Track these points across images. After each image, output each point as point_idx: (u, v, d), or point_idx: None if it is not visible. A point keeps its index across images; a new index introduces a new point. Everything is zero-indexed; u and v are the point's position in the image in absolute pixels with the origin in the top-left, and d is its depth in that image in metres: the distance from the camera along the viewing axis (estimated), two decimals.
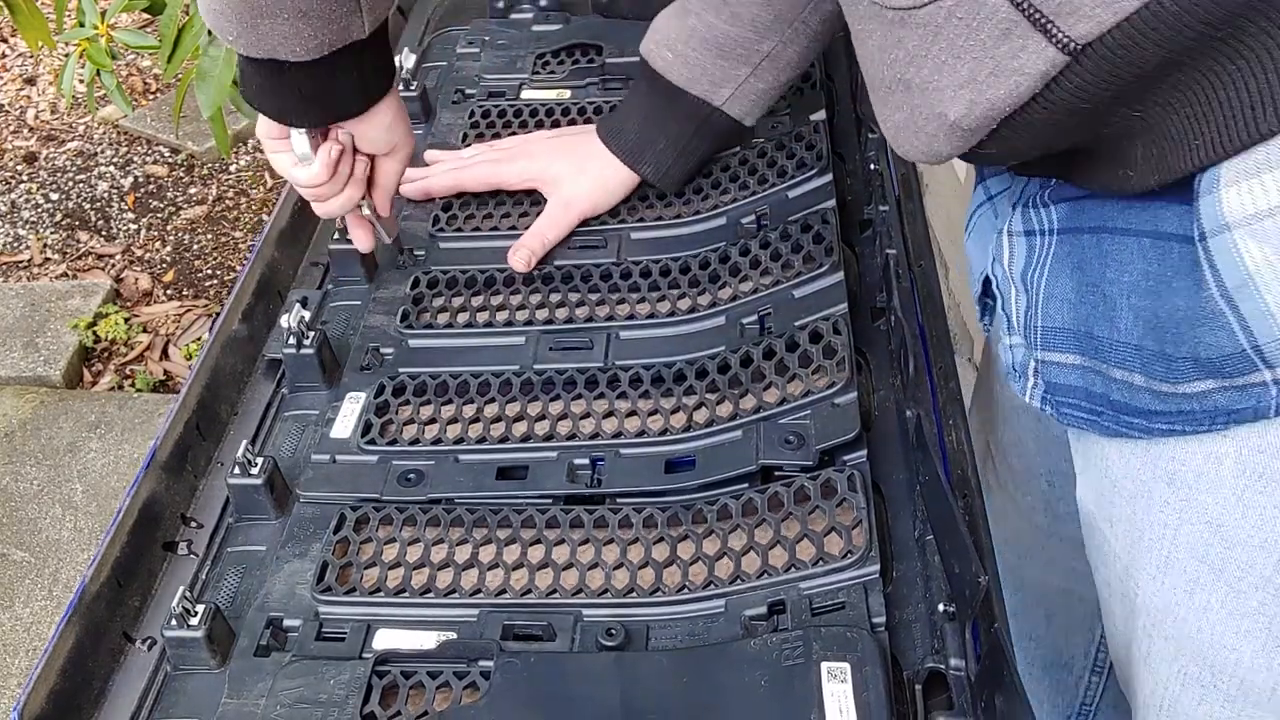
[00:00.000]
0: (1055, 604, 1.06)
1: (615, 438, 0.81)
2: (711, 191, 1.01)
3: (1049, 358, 0.72)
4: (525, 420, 0.83)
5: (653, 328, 0.90)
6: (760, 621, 0.70)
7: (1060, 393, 0.73)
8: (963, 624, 0.66)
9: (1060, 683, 1.10)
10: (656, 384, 0.85)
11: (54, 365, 2.42)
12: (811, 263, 0.89)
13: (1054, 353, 0.72)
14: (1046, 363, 0.73)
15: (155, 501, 0.79)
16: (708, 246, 0.96)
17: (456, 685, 0.67)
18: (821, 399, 0.79)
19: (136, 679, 0.71)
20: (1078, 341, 0.70)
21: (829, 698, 0.62)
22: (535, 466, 0.80)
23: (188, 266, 2.74)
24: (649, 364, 0.87)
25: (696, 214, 1.00)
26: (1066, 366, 0.72)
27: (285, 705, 0.66)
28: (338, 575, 0.74)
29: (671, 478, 0.78)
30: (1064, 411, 0.74)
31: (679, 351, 0.88)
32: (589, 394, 0.85)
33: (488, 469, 0.81)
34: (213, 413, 0.87)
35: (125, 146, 3.09)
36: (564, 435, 0.82)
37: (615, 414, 0.83)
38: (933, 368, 0.80)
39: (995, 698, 0.59)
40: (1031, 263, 0.73)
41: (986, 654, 0.61)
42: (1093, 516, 0.78)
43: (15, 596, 1.98)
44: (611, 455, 0.80)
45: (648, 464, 0.79)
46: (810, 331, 0.85)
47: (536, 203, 1.02)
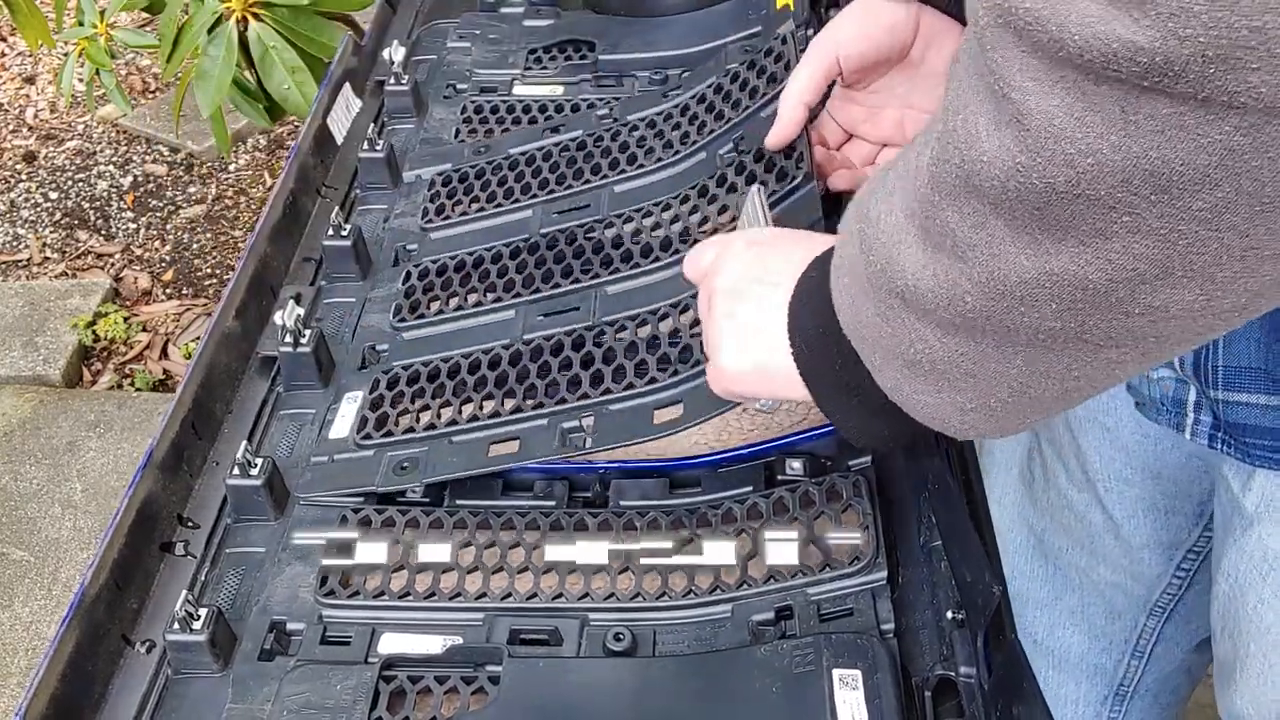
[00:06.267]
0: (1099, 592, 1.06)
1: (603, 395, 0.81)
2: (690, 128, 1.00)
3: (1233, 398, 0.72)
4: (515, 393, 0.83)
5: (638, 276, 0.89)
6: (768, 627, 0.69)
7: (1249, 434, 0.73)
8: (974, 632, 0.65)
9: (1099, 667, 1.11)
10: (642, 333, 0.84)
11: (53, 364, 2.41)
12: (785, 179, 0.87)
13: (1241, 393, 0.71)
14: (1228, 403, 0.72)
15: (153, 502, 0.78)
16: (689, 185, 0.95)
17: (464, 690, 0.66)
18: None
19: (137, 683, 0.70)
20: (1274, 382, 0.69)
21: (841, 705, 0.61)
22: (526, 436, 0.80)
23: (187, 265, 2.74)
24: (635, 314, 0.86)
25: (676, 154, 0.99)
26: (1258, 408, 0.71)
27: (292, 710, 0.65)
28: (341, 578, 0.73)
29: (657, 428, 0.77)
30: (1255, 454, 0.73)
31: (666, 296, 0.87)
32: (576, 355, 0.84)
33: (479, 445, 0.80)
34: (208, 412, 0.86)
35: (124, 146, 3.09)
36: (553, 401, 0.81)
37: (603, 374, 0.82)
38: None
39: (1013, 707, 0.58)
40: None
41: (1002, 663, 0.61)
42: (1279, 557, 0.77)
43: (15, 596, 1.97)
44: (599, 413, 0.80)
45: (635, 416, 0.79)
46: None
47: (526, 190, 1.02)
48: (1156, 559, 1.00)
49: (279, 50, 1.72)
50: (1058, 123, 0.46)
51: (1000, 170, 0.49)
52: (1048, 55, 0.45)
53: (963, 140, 0.50)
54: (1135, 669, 1.09)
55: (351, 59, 1.20)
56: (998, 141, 0.48)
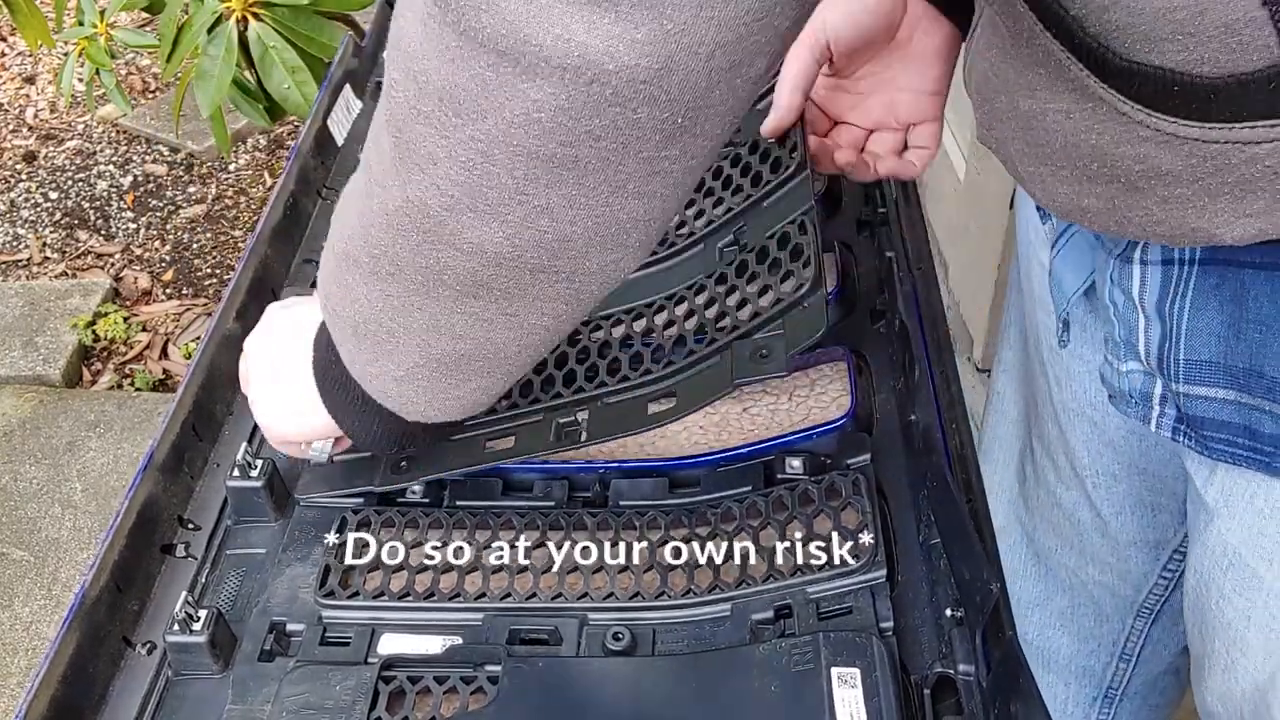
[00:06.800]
0: (1088, 593, 1.06)
1: (598, 388, 0.81)
2: None
3: (1193, 391, 0.72)
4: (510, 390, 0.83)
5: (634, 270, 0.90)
6: (767, 626, 0.69)
7: (1208, 427, 0.72)
8: (972, 630, 0.65)
9: (1087, 669, 1.11)
10: (638, 326, 0.84)
11: (53, 364, 2.41)
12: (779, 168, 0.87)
13: (1201, 386, 0.71)
14: (1189, 396, 0.72)
15: (153, 504, 0.78)
16: None
17: (464, 690, 0.66)
18: (791, 304, 0.77)
19: (137, 684, 0.70)
20: (1233, 378, 0.69)
21: (840, 703, 0.62)
22: (522, 432, 0.80)
23: (187, 265, 2.74)
24: (630, 308, 0.86)
25: None
26: (1217, 401, 0.71)
27: (291, 711, 0.66)
28: (340, 579, 0.73)
29: (651, 418, 0.77)
30: (1213, 446, 0.73)
31: (659, 289, 0.87)
32: (571, 350, 0.84)
33: (475, 442, 0.80)
34: (209, 413, 0.87)
35: (124, 145, 3.09)
36: (548, 395, 0.81)
37: (597, 367, 0.82)
38: (934, 371, 0.79)
39: (1011, 705, 0.58)
40: (1168, 293, 0.71)
41: (1000, 661, 0.61)
42: (1237, 552, 0.77)
43: (15, 596, 1.97)
44: (594, 407, 0.80)
45: (629, 409, 0.79)
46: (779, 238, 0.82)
47: None
48: (1143, 558, 1.00)
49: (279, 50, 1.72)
50: (414, 45, 0.54)
51: (389, 94, 0.57)
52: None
53: (394, 59, 0.56)
54: (1123, 671, 1.10)
55: (352, 60, 1.20)
56: (396, 70, 0.56)
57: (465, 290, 0.61)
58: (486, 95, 0.52)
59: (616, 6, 0.48)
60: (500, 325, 0.63)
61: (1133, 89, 0.57)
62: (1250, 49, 0.52)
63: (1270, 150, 0.55)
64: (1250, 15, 0.51)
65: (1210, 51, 0.53)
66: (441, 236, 0.58)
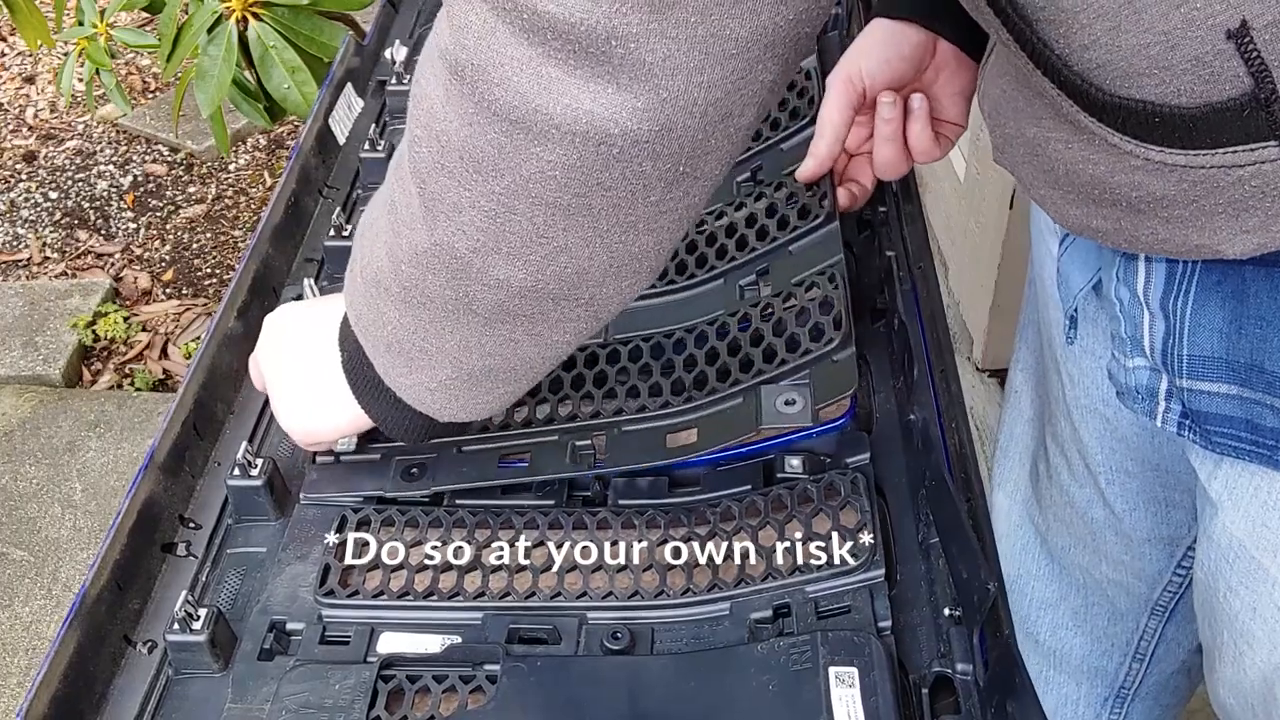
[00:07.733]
0: (1102, 591, 1.07)
1: (616, 415, 0.81)
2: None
3: (1197, 386, 0.73)
4: (526, 405, 0.83)
5: (652, 297, 0.90)
6: (765, 625, 0.69)
7: (1212, 421, 0.73)
8: (970, 629, 0.66)
9: (1100, 669, 1.11)
10: (656, 354, 0.85)
11: (53, 364, 2.41)
12: (807, 215, 0.88)
13: (1204, 382, 0.72)
14: (1193, 391, 0.73)
15: (154, 503, 0.78)
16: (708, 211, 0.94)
17: (462, 689, 0.67)
18: (819, 357, 0.78)
19: (138, 683, 0.71)
20: (1235, 373, 0.70)
21: (837, 703, 0.62)
22: (537, 451, 0.80)
23: (187, 265, 2.74)
24: (648, 335, 0.86)
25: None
26: (1220, 396, 0.72)
27: (290, 710, 0.66)
28: (340, 578, 0.74)
29: (671, 452, 0.78)
30: (1216, 440, 0.74)
31: (679, 319, 0.87)
32: (589, 372, 0.85)
33: (490, 457, 0.80)
34: (210, 412, 0.87)
35: (124, 145, 3.09)
36: (564, 416, 0.82)
37: (615, 391, 0.83)
38: (934, 370, 0.80)
39: (1007, 703, 0.58)
40: (1172, 288, 0.72)
41: (997, 660, 0.61)
42: (1242, 545, 0.77)
43: (15, 596, 1.97)
44: (611, 433, 0.80)
45: (648, 438, 0.79)
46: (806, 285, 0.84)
47: None
48: (1158, 554, 1.00)
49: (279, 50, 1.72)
50: (436, 107, 0.59)
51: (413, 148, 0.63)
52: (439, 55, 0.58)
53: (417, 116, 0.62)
54: (1136, 671, 1.10)
55: (353, 59, 1.20)
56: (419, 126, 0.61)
57: (493, 317, 0.66)
58: (503, 157, 0.58)
59: (616, 79, 0.53)
60: (526, 344, 0.68)
61: (1119, 122, 0.60)
62: (1221, 79, 0.55)
63: (1254, 172, 0.58)
64: (1218, 48, 0.54)
65: (1185, 84, 0.56)
66: (470, 274, 0.64)
